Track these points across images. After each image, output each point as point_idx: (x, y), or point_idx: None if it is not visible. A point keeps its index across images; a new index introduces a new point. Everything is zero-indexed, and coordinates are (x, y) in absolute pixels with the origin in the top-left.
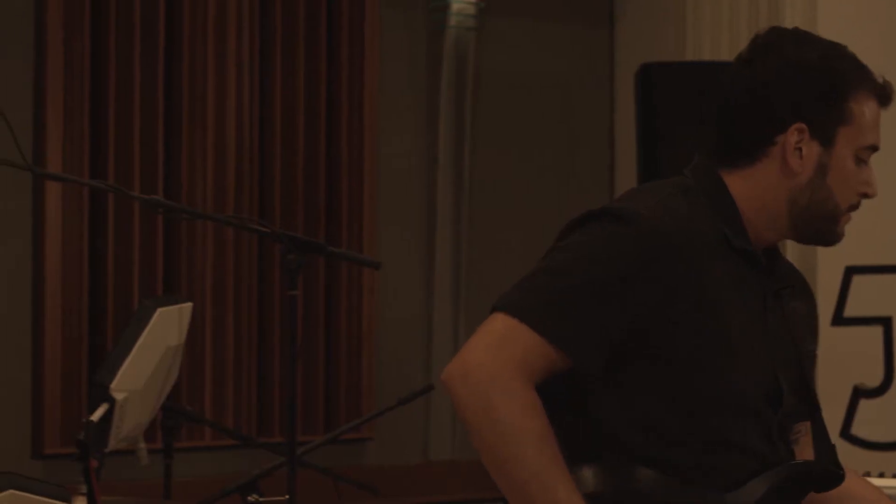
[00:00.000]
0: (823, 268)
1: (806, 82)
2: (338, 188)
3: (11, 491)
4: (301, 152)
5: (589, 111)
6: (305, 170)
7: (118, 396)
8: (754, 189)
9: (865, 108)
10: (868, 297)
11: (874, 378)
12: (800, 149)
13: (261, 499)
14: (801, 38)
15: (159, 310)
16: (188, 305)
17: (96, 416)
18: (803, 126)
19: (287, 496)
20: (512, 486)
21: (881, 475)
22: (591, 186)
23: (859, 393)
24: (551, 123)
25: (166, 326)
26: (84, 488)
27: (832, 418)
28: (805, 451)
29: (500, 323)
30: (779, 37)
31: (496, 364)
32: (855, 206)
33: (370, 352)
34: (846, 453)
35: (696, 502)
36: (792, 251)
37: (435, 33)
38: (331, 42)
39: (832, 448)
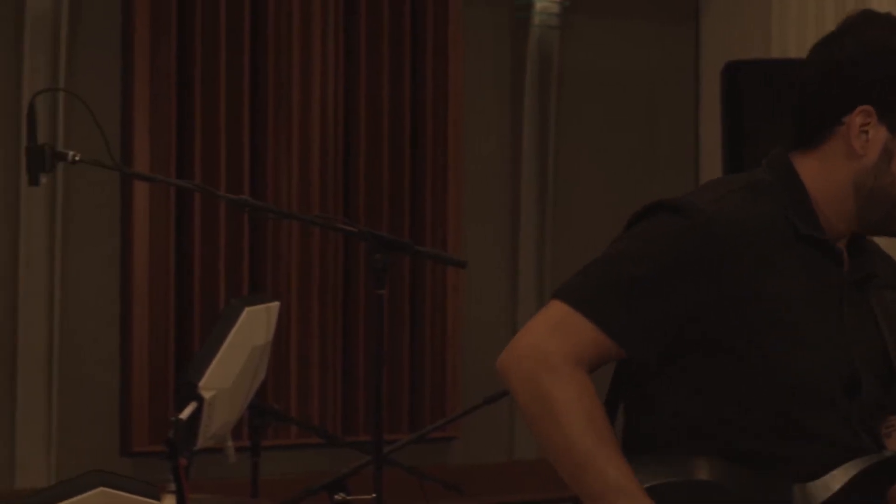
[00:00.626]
0: None
1: (877, 65)
2: (422, 187)
3: (102, 489)
4: (386, 151)
5: (673, 109)
6: (390, 169)
7: (206, 395)
8: (822, 171)
9: None
10: None
11: None
12: (866, 131)
13: (348, 497)
14: (885, 23)
15: (247, 309)
16: (275, 305)
17: (185, 414)
18: (870, 109)
19: (374, 495)
20: (564, 468)
21: None
22: (676, 185)
23: None
24: (635, 122)
25: (254, 325)
26: (173, 486)
27: None
28: None
29: (554, 309)
30: (864, 19)
31: (547, 348)
32: None
33: (455, 350)
34: None
35: (770, 492)
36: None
37: (519, 32)
38: (415, 41)
39: None
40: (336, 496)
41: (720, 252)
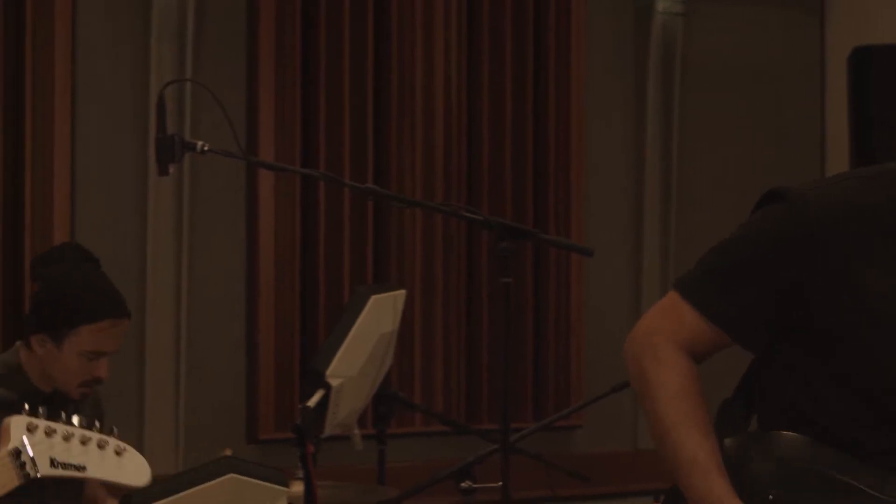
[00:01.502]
0: None
1: None
2: (545, 175)
3: (231, 475)
4: (509, 139)
5: (799, 96)
6: (513, 156)
7: (334, 383)
8: None
9: None
10: None
11: None
12: None
13: (474, 485)
14: None
15: (373, 297)
16: (401, 293)
17: (313, 401)
18: None
19: (500, 483)
20: (655, 441)
21: None
22: (801, 174)
23: None
24: (760, 109)
25: (380, 314)
26: (300, 473)
27: None
28: None
29: (668, 298)
30: None
31: (651, 331)
32: None
33: (578, 338)
34: None
35: (876, 480)
36: None
37: (642, 19)
38: (538, 28)
39: None
40: (462, 484)
41: (813, 235)
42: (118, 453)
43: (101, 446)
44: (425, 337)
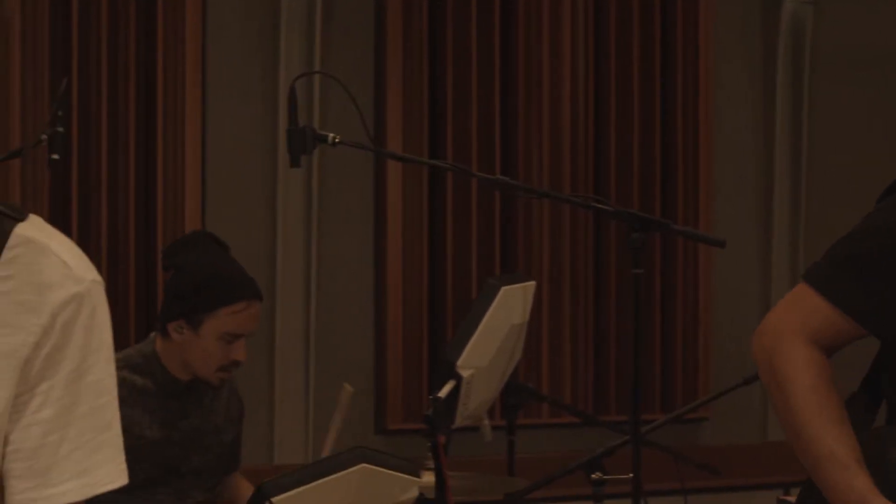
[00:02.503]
0: None
1: None
2: (673, 165)
3: (364, 464)
4: (636, 129)
5: None
6: (640, 146)
7: (465, 374)
8: None
9: None
10: None
11: None
12: None
13: (604, 476)
14: None
15: (504, 288)
16: (531, 284)
17: (443, 392)
18: None
19: (631, 475)
20: (789, 437)
21: None
22: None
23: None
24: (892, 99)
25: (510, 305)
26: (431, 463)
27: None
28: None
29: (797, 290)
30: None
31: (781, 325)
32: None
33: (706, 330)
34: None
35: None
36: None
37: (771, 7)
38: (665, 18)
39: None
40: (593, 475)
41: None
42: None
43: None
44: (552, 328)
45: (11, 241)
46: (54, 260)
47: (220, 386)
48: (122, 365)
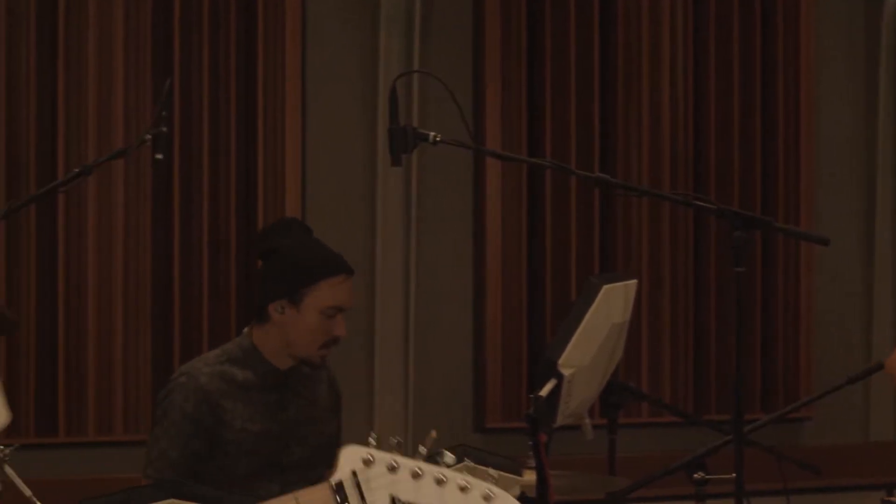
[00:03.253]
0: None
1: None
2: (774, 162)
3: (466, 462)
4: (736, 126)
5: None
6: (741, 143)
7: (566, 372)
8: None
9: None
10: None
11: None
12: None
13: (707, 476)
14: None
15: (605, 287)
16: (633, 283)
17: (545, 391)
18: None
19: (734, 474)
20: None
21: None
22: None
23: None
24: None
25: (612, 304)
26: (531, 462)
27: None
28: None
29: None
30: None
31: None
32: None
33: (808, 329)
34: None
35: None
36: None
37: (873, 3)
38: (766, 12)
39: None
40: (695, 475)
41: None
42: (486, 499)
43: (463, 489)
44: (652, 327)
45: None
46: None
47: (321, 365)
48: (223, 359)
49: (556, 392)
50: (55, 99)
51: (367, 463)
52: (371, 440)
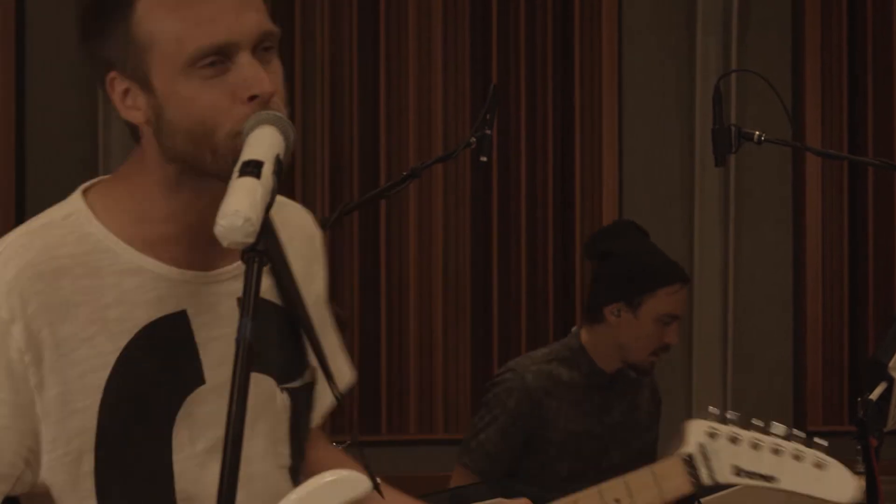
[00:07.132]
0: None
1: None
2: None
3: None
4: None
5: None
6: None
7: None
8: None
9: None
10: None
11: None
12: None
13: None
14: None
15: None
16: None
17: (875, 394)
18: None
19: None
20: None
21: None
22: None
23: None
24: None
25: None
26: (860, 467)
27: None
28: None
29: None
30: None
31: None
32: None
33: None
34: None
35: None
36: None
37: None
38: None
39: None
40: None
41: None
42: (819, 466)
43: (797, 457)
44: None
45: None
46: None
47: (649, 371)
48: (550, 358)
49: (886, 395)
50: (377, 106)
51: (712, 435)
52: (712, 410)
